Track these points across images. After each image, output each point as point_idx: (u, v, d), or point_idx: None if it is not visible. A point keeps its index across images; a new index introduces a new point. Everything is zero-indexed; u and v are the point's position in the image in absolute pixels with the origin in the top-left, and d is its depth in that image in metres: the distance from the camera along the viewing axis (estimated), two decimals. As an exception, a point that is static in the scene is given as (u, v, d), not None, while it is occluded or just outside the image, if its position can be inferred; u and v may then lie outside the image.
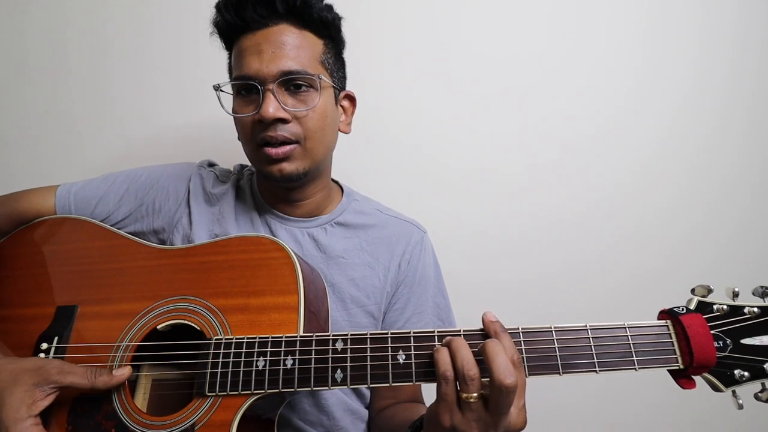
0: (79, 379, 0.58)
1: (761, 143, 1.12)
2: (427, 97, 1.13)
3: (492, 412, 0.48)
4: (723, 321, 0.49)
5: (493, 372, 0.47)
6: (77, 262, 0.72)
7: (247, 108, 0.72)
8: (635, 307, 1.08)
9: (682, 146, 1.13)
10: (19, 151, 1.14)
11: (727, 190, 1.13)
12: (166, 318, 0.64)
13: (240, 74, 0.71)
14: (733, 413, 0.52)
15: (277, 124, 0.71)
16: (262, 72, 0.69)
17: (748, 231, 1.12)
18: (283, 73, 0.70)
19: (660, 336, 0.50)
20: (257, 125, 0.71)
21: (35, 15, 1.13)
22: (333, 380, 0.55)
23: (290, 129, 0.71)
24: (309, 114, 0.72)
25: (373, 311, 0.80)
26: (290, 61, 0.70)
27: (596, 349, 0.50)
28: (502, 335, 0.51)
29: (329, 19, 0.74)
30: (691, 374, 0.50)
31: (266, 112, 0.69)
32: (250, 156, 0.77)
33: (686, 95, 1.13)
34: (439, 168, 1.13)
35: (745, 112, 1.12)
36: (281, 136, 0.71)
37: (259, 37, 0.71)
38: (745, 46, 1.12)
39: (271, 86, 0.69)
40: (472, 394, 0.48)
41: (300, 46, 0.71)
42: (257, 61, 0.69)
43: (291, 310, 0.61)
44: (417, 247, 0.85)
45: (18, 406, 0.55)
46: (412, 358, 0.54)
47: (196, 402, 0.58)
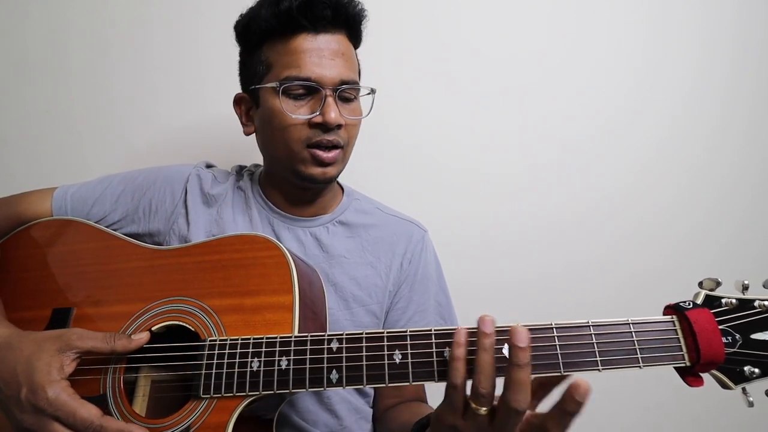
0: (99, 343, 0.57)
1: (761, 143, 1.12)
2: (427, 97, 1.13)
3: (497, 428, 0.47)
4: (732, 315, 0.48)
5: (510, 398, 0.45)
6: (72, 264, 0.72)
7: (301, 109, 0.73)
8: (635, 307, 1.05)
9: (682, 146, 1.12)
10: (19, 151, 1.14)
11: (727, 190, 1.12)
12: (160, 319, 0.63)
13: (299, 75, 0.71)
14: (743, 411, 0.50)
15: (335, 129, 0.72)
16: (325, 77, 0.71)
17: (749, 231, 1.12)
18: (342, 81, 0.72)
19: (665, 332, 0.49)
20: (313, 127, 0.72)
21: (35, 15, 1.13)
22: (328, 381, 0.53)
23: (341, 135, 0.74)
24: (356, 123, 0.77)
25: (375, 310, 0.79)
26: (348, 71, 0.74)
27: (599, 347, 0.49)
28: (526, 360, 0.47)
29: (361, 39, 0.80)
30: (698, 371, 0.48)
31: (330, 116, 0.70)
32: (288, 155, 0.75)
33: (686, 95, 1.12)
34: (439, 168, 1.12)
35: (745, 112, 1.12)
36: (336, 141, 0.73)
37: (321, 42, 0.72)
38: (745, 46, 1.11)
39: (331, 92, 0.72)
40: (481, 408, 0.47)
41: (351, 58, 0.76)
42: (319, 66, 0.71)
43: (285, 309, 0.60)
44: (418, 246, 0.85)
45: (48, 369, 0.54)
46: (409, 357, 0.52)
47: (191, 404, 0.57)
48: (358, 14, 0.76)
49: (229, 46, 0.80)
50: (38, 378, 0.53)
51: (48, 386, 0.53)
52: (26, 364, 0.55)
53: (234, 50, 0.81)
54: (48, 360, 0.55)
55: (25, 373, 0.54)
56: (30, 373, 0.54)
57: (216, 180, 0.84)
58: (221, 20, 0.78)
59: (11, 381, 0.55)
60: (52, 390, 0.53)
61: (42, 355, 0.55)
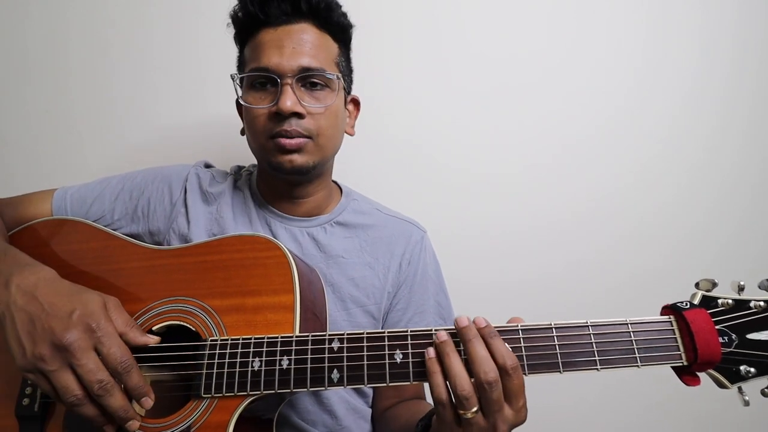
0: (122, 324, 0.58)
1: (761, 143, 1.12)
2: (427, 97, 1.13)
3: (487, 416, 0.47)
4: (728, 316, 0.48)
5: (477, 374, 0.47)
6: (72, 264, 0.71)
7: (263, 101, 0.73)
8: (635, 307, 1.04)
9: (682, 146, 1.12)
10: (19, 151, 1.14)
11: (727, 190, 1.12)
12: (161, 319, 0.63)
13: (258, 66, 0.72)
14: (739, 410, 0.50)
15: (293, 118, 0.71)
16: (282, 66, 0.70)
17: (749, 231, 1.12)
18: (302, 68, 0.71)
19: (663, 332, 0.49)
20: (272, 118, 0.72)
21: (35, 15, 1.13)
22: (329, 380, 0.54)
23: (304, 124, 0.72)
24: (324, 111, 0.73)
25: (372, 311, 0.79)
26: (310, 59, 0.71)
27: (597, 346, 0.49)
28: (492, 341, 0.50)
29: (345, 25, 0.77)
30: (695, 371, 0.48)
31: (284, 104, 0.69)
32: (258, 147, 0.76)
33: (686, 95, 1.12)
34: (439, 168, 1.13)
35: (745, 112, 1.12)
36: (295, 131, 0.71)
37: (281, 33, 0.72)
38: (745, 46, 1.12)
39: (290, 80, 0.70)
40: (469, 411, 0.47)
41: (319, 46, 0.73)
42: (277, 55, 0.70)
43: (287, 309, 0.60)
44: (417, 246, 0.85)
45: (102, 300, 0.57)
46: (410, 357, 0.53)
47: (192, 404, 0.57)
48: (322, 2, 0.73)
49: (229, 46, 0.80)
50: (92, 306, 0.55)
51: (101, 315, 0.55)
52: (78, 294, 0.57)
53: (234, 50, 0.81)
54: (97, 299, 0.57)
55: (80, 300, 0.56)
56: (85, 302, 0.56)
57: (215, 180, 0.85)
58: (221, 20, 0.78)
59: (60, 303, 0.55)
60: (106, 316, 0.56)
61: (91, 295, 0.57)
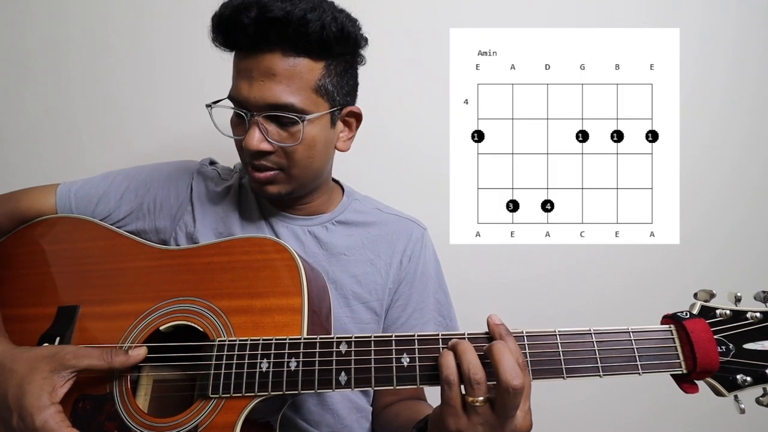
0: (96, 360, 0.57)
1: (761, 143, 1.13)
2: (428, 96, 1.12)
3: (499, 415, 0.48)
4: (726, 326, 0.50)
5: (500, 374, 0.47)
6: (78, 262, 0.72)
7: (238, 128, 0.72)
8: (636, 307, 1.09)
9: (682, 146, 1.12)
10: (19, 151, 1.14)
11: (727, 190, 1.13)
12: (168, 319, 0.63)
13: (231, 95, 0.71)
14: (735, 417, 0.52)
15: (261, 154, 0.70)
16: (249, 101, 0.68)
17: (749, 231, 1.13)
18: (269, 106, 0.67)
19: (663, 341, 0.51)
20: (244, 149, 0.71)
21: (35, 15, 1.12)
22: (337, 383, 0.55)
23: (273, 159, 0.71)
24: (294, 147, 0.70)
25: (375, 307, 0.80)
26: (278, 93, 0.66)
27: (600, 354, 0.51)
28: (508, 338, 0.51)
29: (330, 40, 0.67)
30: (694, 379, 0.50)
31: (249, 143, 0.68)
32: (243, 166, 0.78)
33: (686, 95, 1.12)
34: (439, 168, 1.12)
35: (745, 113, 1.12)
36: (263, 166, 0.71)
37: (251, 63, 0.67)
38: (745, 46, 1.12)
39: (257, 117, 0.68)
40: (478, 398, 0.48)
41: (291, 76, 0.67)
42: (246, 88, 0.67)
43: (294, 311, 0.61)
44: (417, 243, 0.86)
45: (39, 393, 0.53)
46: (417, 361, 0.54)
47: (199, 404, 0.58)
48: (300, 26, 0.64)
49: (229, 47, 0.80)
50: (28, 403, 0.53)
51: (36, 413, 0.52)
52: (18, 388, 0.54)
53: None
54: (40, 383, 0.54)
55: (16, 397, 0.54)
56: (21, 397, 0.53)
57: (220, 177, 0.85)
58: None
59: (3, 406, 0.54)
60: (41, 417, 0.52)
61: (34, 377, 0.54)
